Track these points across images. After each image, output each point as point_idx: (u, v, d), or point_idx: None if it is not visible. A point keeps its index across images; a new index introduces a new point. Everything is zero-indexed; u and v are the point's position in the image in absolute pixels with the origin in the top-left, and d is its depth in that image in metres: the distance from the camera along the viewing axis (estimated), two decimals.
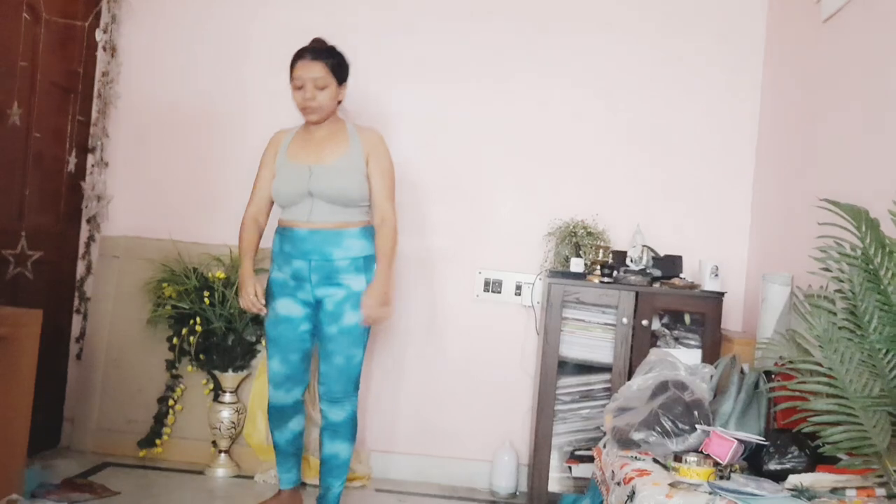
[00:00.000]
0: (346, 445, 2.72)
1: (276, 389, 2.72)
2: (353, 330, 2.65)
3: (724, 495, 1.89)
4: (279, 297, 2.67)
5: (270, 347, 2.70)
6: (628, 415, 2.39)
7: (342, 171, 2.64)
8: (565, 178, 3.43)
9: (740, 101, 3.42)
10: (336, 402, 2.69)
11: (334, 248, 2.63)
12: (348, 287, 2.64)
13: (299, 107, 2.67)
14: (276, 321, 2.68)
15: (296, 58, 2.67)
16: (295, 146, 2.71)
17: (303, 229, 2.63)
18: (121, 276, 3.42)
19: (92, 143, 3.45)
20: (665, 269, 3.12)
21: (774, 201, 3.19)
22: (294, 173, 2.64)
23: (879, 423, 1.72)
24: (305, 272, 2.64)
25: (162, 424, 3.29)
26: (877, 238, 1.75)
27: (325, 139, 2.69)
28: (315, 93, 2.62)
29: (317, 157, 2.66)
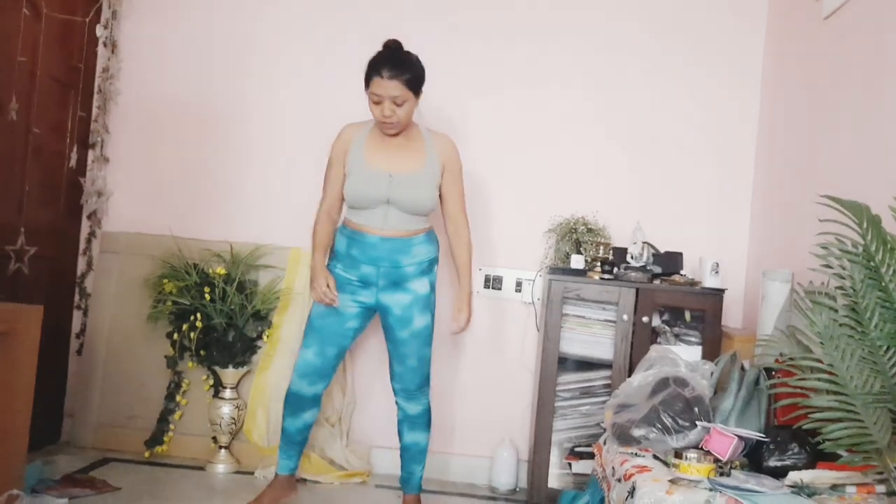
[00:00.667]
0: (424, 434, 2.81)
1: (300, 379, 2.74)
2: (424, 332, 2.73)
3: (725, 492, 1.90)
4: (337, 291, 2.68)
5: (309, 336, 2.72)
6: (629, 411, 2.39)
7: (422, 182, 2.65)
8: (566, 174, 3.43)
9: (741, 98, 3.42)
10: (412, 397, 2.77)
11: (403, 255, 2.66)
12: (414, 291, 2.69)
13: (377, 120, 2.63)
14: (326, 313, 2.69)
15: (372, 72, 2.58)
16: (371, 148, 2.67)
17: (375, 236, 2.64)
18: (121, 272, 3.42)
19: (92, 139, 3.44)
20: (665, 265, 3.12)
21: (775, 198, 3.19)
22: (373, 179, 2.62)
23: (880, 420, 1.72)
24: (373, 277, 2.67)
25: (167, 422, 3.29)
26: (878, 235, 1.75)
27: (401, 146, 2.69)
28: (394, 109, 2.57)
29: (396, 165, 2.64)
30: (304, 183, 3.40)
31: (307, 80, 3.48)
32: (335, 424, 3.33)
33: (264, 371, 3.27)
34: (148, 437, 3.27)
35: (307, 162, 3.42)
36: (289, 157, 3.47)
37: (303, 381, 2.74)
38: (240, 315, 3.20)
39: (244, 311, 3.21)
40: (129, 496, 2.83)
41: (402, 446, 2.83)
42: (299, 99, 3.48)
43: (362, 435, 3.41)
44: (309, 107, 3.47)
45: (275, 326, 3.29)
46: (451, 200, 2.78)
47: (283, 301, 3.30)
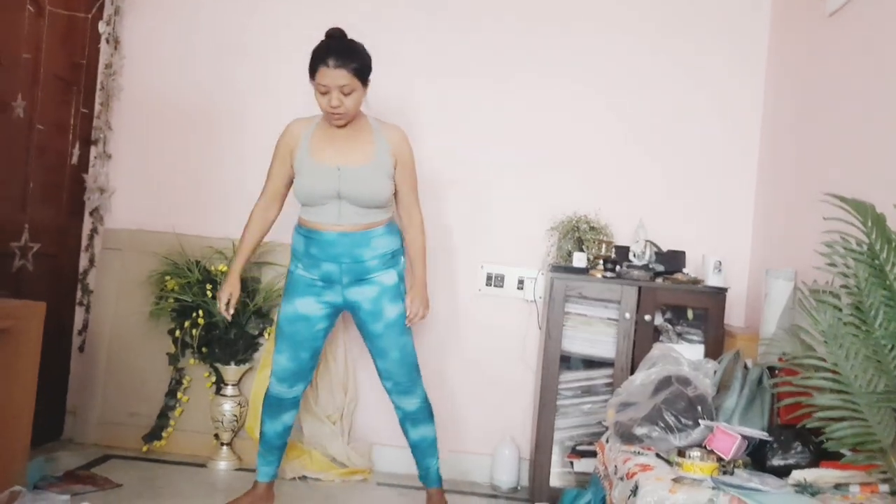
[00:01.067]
0: (429, 427, 2.78)
1: (279, 383, 2.73)
2: (398, 321, 2.68)
3: (728, 491, 1.89)
4: (301, 296, 2.66)
5: (281, 342, 2.70)
6: (631, 410, 2.39)
7: (372, 175, 2.60)
8: (568, 172, 3.42)
9: (744, 95, 3.41)
10: (406, 392, 2.74)
11: (364, 248, 2.62)
12: (380, 283, 2.65)
13: (324, 111, 2.58)
14: (294, 318, 2.67)
15: (317, 62, 2.53)
16: (317, 143, 2.63)
17: (332, 232, 2.60)
18: (123, 268, 3.42)
19: (95, 136, 3.44)
20: (668, 264, 3.11)
21: (778, 196, 3.18)
22: (321, 174, 2.58)
23: (884, 420, 1.72)
24: (336, 274, 2.64)
25: (167, 418, 3.29)
26: (883, 233, 1.75)
27: (349, 137, 2.64)
28: (341, 99, 2.53)
29: (344, 158, 2.60)
30: None
31: None
32: (336, 422, 3.32)
33: (266, 368, 3.26)
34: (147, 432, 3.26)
35: None
36: None
37: (282, 385, 2.73)
38: (242, 312, 3.20)
39: (246, 308, 3.21)
40: (131, 493, 2.83)
41: (411, 445, 2.80)
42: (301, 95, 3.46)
43: (364, 432, 3.41)
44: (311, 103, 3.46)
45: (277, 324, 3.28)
46: (404, 191, 2.72)
47: None
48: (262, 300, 3.25)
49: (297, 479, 3.15)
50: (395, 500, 3.06)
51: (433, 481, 2.81)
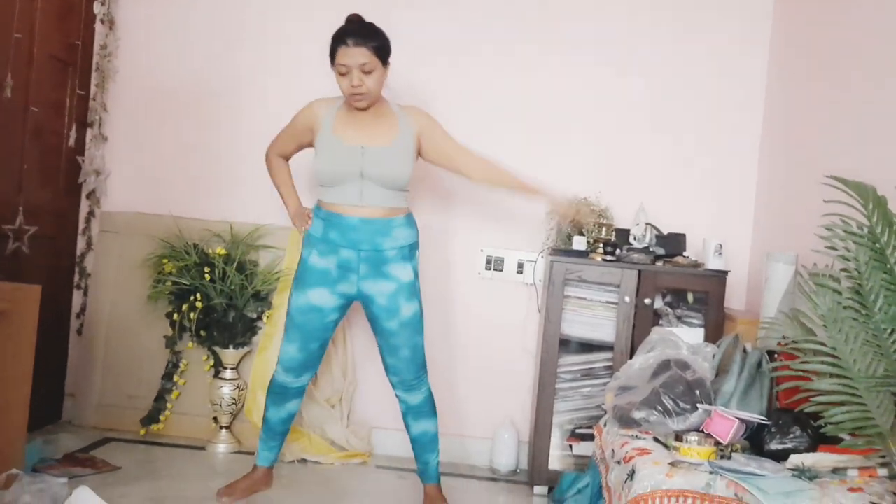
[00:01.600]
0: (431, 421, 2.75)
1: (286, 373, 2.71)
2: (413, 320, 2.65)
3: (725, 475, 1.89)
4: (315, 286, 2.61)
5: (291, 332, 2.67)
6: (629, 393, 2.38)
7: (395, 155, 2.58)
8: (568, 155, 3.40)
9: (747, 78, 3.38)
10: (411, 388, 2.71)
11: (384, 238, 2.59)
12: (397, 279, 2.61)
13: (346, 94, 2.55)
14: (307, 309, 2.63)
15: (337, 43, 2.51)
16: (341, 123, 2.61)
17: (354, 217, 2.57)
18: (121, 251, 3.40)
19: (90, 118, 3.42)
20: (668, 247, 3.09)
21: (779, 179, 3.15)
22: (345, 153, 2.56)
23: (883, 404, 1.70)
24: (354, 263, 2.59)
25: (164, 401, 3.29)
26: (884, 216, 1.73)
27: (372, 119, 2.61)
28: (362, 78, 2.50)
29: (368, 138, 2.58)
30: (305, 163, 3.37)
31: (307, 57, 3.42)
32: (335, 406, 3.32)
33: (265, 351, 3.27)
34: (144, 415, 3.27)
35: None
36: None
37: (289, 374, 2.71)
38: (240, 295, 3.19)
39: (244, 291, 3.20)
40: (130, 475, 2.83)
41: (411, 438, 2.76)
42: (299, 77, 3.44)
43: (363, 416, 3.41)
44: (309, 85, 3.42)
45: (275, 307, 3.28)
46: (454, 153, 2.72)
47: (283, 282, 3.29)
48: (260, 283, 3.24)
49: (297, 462, 3.15)
50: (395, 484, 3.07)
51: (432, 477, 2.77)
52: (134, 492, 2.66)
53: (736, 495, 1.84)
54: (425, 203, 3.32)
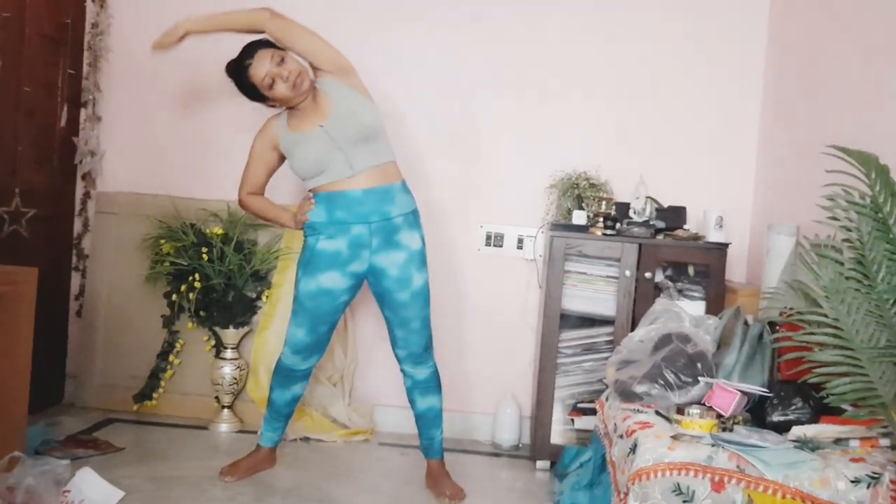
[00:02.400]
0: (437, 397, 2.76)
1: (293, 355, 2.70)
2: (423, 290, 2.65)
3: (727, 447, 1.89)
4: (325, 270, 2.59)
5: (300, 315, 2.65)
6: (631, 367, 2.38)
7: (345, 108, 2.56)
8: (567, 129, 3.37)
9: (746, 47, 3.34)
10: (420, 361, 2.71)
11: (391, 205, 2.58)
12: (407, 247, 2.61)
13: (287, 99, 2.54)
14: (317, 293, 2.61)
15: (242, 72, 2.54)
16: (294, 123, 2.61)
17: (356, 190, 2.55)
18: (118, 232, 3.39)
19: (84, 98, 3.38)
20: (669, 220, 3.08)
21: (780, 150, 3.13)
22: (311, 139, 2.55)
23: (886, 374, 1.70)
24: (366, 237, 2.57)
25: (158, 379, 3.28)
26: (886, 185, 1.71)
27: (313, 103, 2.59)
28: (282, 70, 2.50)
29: (319, 119, 2.57)
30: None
31: None
32: (337, 384, 3.33)
33: (265, 331, 3.26)
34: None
35: None
36: None
37: (296, 356, 2.70)
38: (239, 275, 3.18)
39: (243, 271, 3.19)
40: (133, 456, 2.84)
41: (416, 414, 2.76)
42: None
43: (365, 393, 3.41)
44: None
45: (274, 286, 3.27)
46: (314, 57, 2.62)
47: (282, 261, 3.28)
48: (258, 262, 3.23)
49: (299, 441, 3.15)
50: (397, 460, 3.08)
51: (436, 453, 2.78)
52: (137, 472, 2.67)
53: (738, 467, 1.85)
54: (423, 180, 3.29)
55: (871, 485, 1.79)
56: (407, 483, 2.82)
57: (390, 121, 3.03)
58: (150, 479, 2.62)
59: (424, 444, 2.80)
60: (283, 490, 2.66)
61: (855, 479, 1.80)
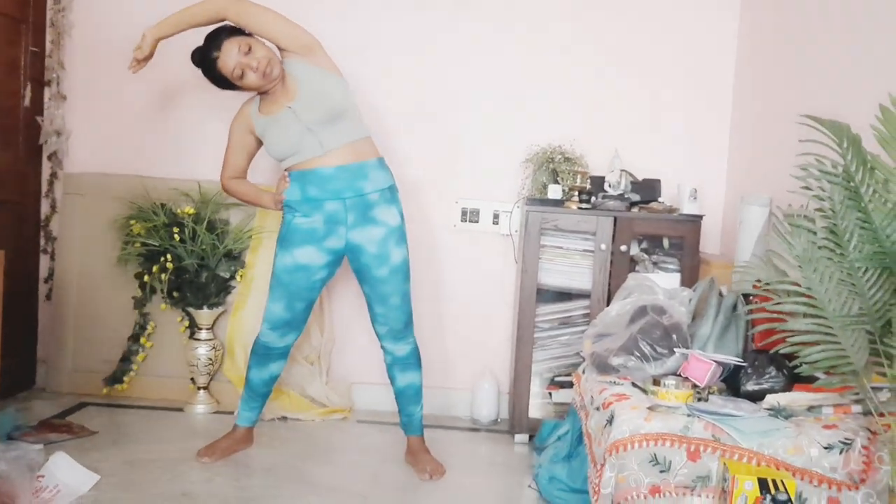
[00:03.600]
0: (416, 373, 2.77)
1: (271, 331, 2.70)
2: (403, 266, 2.65)
3: (702, 417, 1.90)
4: (301, 245, 2.60)
5: (276, 290, 2.65)
6: (607, 340, 2.39)
7: (311, 87, 2.54)
8: (542, 103, 3.35)
9: (719, 20, 3.33)
10: (399, 338, 2.71)
11: (364, 181, 2.57)
12: (385, 223, 2.60)
13: (259, 85, 2.52)
14: (293, 268, 2.61)
15: (211, 66, 2.54)
16: (265, 106, 2.60)
17: (328, 168, 2.54)
18: (87, 214, 3.32)
19: (47, 76, 3.30)
20: (643, 193, 3.08)
21: (753, 122, 3.14)
22: (282, 121, 2.55)
23: (857, 342, 1.71)
24: (342, 213, 2.57)
25: (130, 362, 3.25)
26: (858, 154, 1.71)
27: (283, 87, 2.57)
28: (251, 59, 2.48)
29: (288, 99, 2.56)
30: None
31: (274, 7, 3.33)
32: (314, 363, 3.31)
33: (240, 310, 3.23)
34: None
35: None
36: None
37: (273, 333, 2.70)
38: (212, 255, 3.14)
39: (216, 251, 3.14)
40: (107, 439, 2.81)
41: (396, 391, 2.77)
42: None
43: (342, 372, 3.40)
44: None
45: (248, 266, 3.24)
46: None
47: (255, 240, 3.24)
48: (231, 242, 3.19)
49: (277, 420, 3.14)
50: (376, 437, 3.08)
51: (415, 429, 2.79)
52: (112, 455, 2.64)
53: (713, 436, 1.87)
54: (397, 156, 3.26)
55: (843, 451, 1.81)
56: (386, 460, 2.82)
57: (364, 97, 3.00)
58: (125, 462, 2.60)
59: (404, 421, 2.80)
60: (262, 469, 2.65)
61: (827, 445, 1.82)
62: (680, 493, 1.86)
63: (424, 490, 2.59)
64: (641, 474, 1.87)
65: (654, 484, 1.87)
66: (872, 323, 1.71)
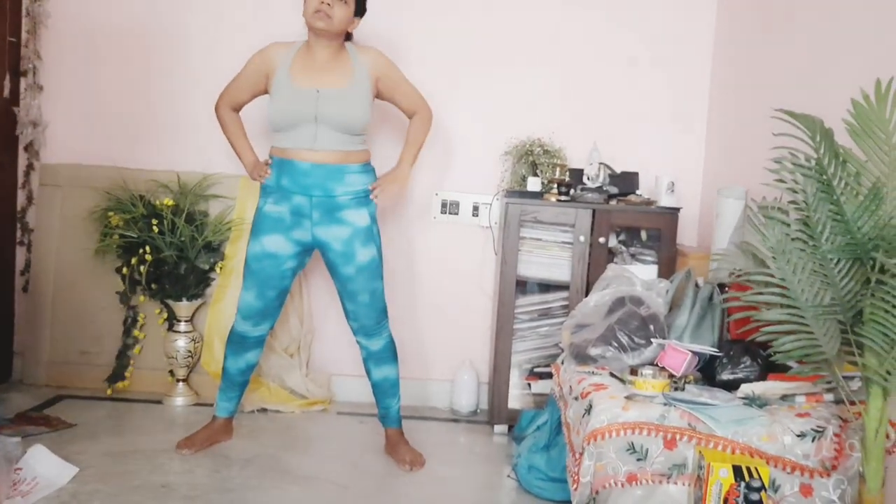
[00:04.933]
0: (392, 367, 2.77)
1: (244, 321, 2.70)
2: (370, 265, 2.64)
3: (679, 406, 1.94)
4: (269, 233, 2.60)
5: (248, 279, 2.66)
6: (585, 331, 2.41)
7: (350, 97, 2.56)
8: (521, 96, 3.36)
9: (696, 14, 3.36)
10: (373, 333, 2.72)
11: (337, 183, 2.57)
12: (352, 224, 2.60)
13: (310, 11, 2.50)
14: (261, 256, 2.62)
15: None
16: (297, 67, 2.57)
17: (305, 162, 2.54)
18: (64, 205, 3.29)
19: (23, 66, 3.25)
20: (621, 185, 3.11)
21: (730, 114, 3.17)
22: (299, 96, 2.53)
23: (829, 331, 1.75)
24: (307, 208, 2.58)
25: (128, 357, 3.22)
26: (830, 148, 1.75)
27: (328, 62, 2.58)
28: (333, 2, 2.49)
29: (322, 81, 2.55)
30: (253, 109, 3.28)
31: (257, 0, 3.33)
32: (294, 354, 3.31)
33: (219, 302, 3.22)
34: (109, 373, 3.20)
35: None
36: None
37: (247, 322, 2.70)
38: (191, 247, 3.12)
39: (195, 242, 3.13)
40: (86, 432, 2.79)
41: (372, 384, 2.78)
42: (245, 19, 3.32)
43: (322, 363, 3.41)
44: (255, 28, 3.31)
45: (227, 257, 3.22)
46: (403, 96, 2.73)
47: (234, 232, 3.22)
48: (211, 234, 3.17)
49: (256, 412, 3.14)
50: (356, 429, 3.09)
51: (393, 421, 2.80)
52: (91, 448, 2.63)
53: (689, 425, 1.90)
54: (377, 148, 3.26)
55: (815, 438, 1.85)
56: (366, 451, 2.84)
57: None
58: (104, 455, 2.59)
59: (381, 414, 2.82)
60: (241, 461, 2.65)
61: (800, 433, 1.86)
62: (656, 480, 1.89)
63: (404, 480, 2.61)
64: (619, 462, 1.90)
65: (631, 472, 1.90)
66: (844, 313, 1.75)
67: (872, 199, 1.69)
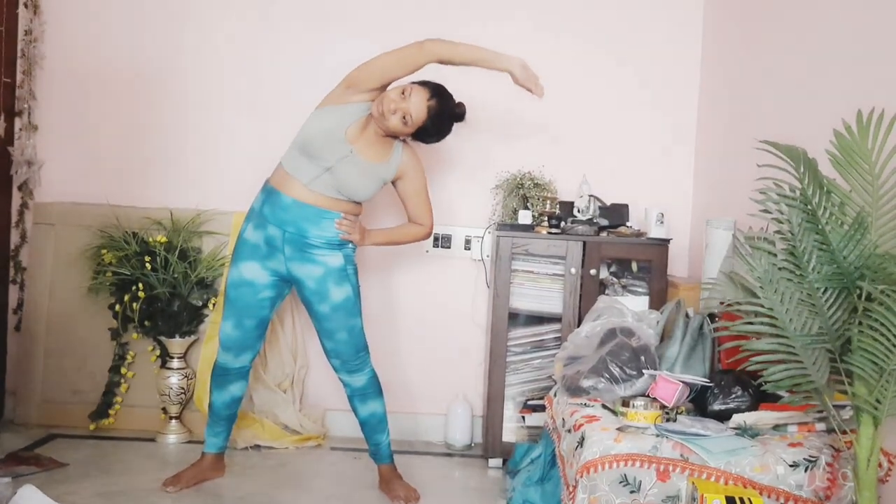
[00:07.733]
0: (378, 402, 2.75)
1: (225, 352, 2.70)
2: (345, 303, 2.64)
3: (671, 437, 1.93)
4: (246, 260, 2.61)
5: (227, 308, 2.67)
6: (578, 363, 2.42)
7: (371, 175, 2.60)
8: (511, 129, 3.40)
9: (683, 48, 3.42)
10: (355, 370, 2.71)
11: (311, 226, 2.57)
12: (324, 263, 2.60)
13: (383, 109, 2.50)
14: (239, 283, 2.63)
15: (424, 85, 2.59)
16: (358, 124, 2.58)
17: (289, 197, 2.55)
18: (57, 243, 3.30)
19: (18, 107, 3.28)
20: (612, 217, 3.14)
21: (718, 147, 3.21)
22: (338, 141, 2.54)
23: (818, 361, 1.76)
24: (279, 242, 2.58)
25: (113, 394, 3.21)
26: (815, 178, 1.77)
27: (377, 138, 2.60)
28: (402, 120, 2.51)
29: (361, 146, 2.57)
30: (244, 146, 3.33)
31: (246, 38, 3.37)
32: (287, 389, 3.30)
33: (212, 339, 3.21)
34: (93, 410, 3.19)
35: (246, 124, 3.33)
36: (227, 120, 3.37)
37: (228, 353, 2.69)
38: (184, 284, 3.13)
39: (188, 279, 3.14)
40: (78, 471, 2.77)
41: (360, 421, 2.76)
42: (237, 58, 3.37)
43: (316, 398, 3.39)
44: (247, 66, 3.37)
45: (221, 294, 3.23)
46: (414, 207, 2.76)
47: (227, 268, 3.22)
48: (204, 270, 3.18)
49: (250, 449, 3.12)
50: (350, 464, 3.06)
51: (384, 457, 2.78)
52: (82, 488, 2.61)
53: (682, 456, 1.90)
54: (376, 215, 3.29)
55: (808, 468, 1.85)
56: (360, 488, 2.81)
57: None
58: (96, 495, 2.57)
59: (372, 450, 2.80)
60: (233, 499, 2.63)
61: (793, 463, 1.86)
62: None
63: None
64: (612, 495, 1.90)
65: None
66: (832, 342, 1.76)
67: (857, 228, 1.71)
